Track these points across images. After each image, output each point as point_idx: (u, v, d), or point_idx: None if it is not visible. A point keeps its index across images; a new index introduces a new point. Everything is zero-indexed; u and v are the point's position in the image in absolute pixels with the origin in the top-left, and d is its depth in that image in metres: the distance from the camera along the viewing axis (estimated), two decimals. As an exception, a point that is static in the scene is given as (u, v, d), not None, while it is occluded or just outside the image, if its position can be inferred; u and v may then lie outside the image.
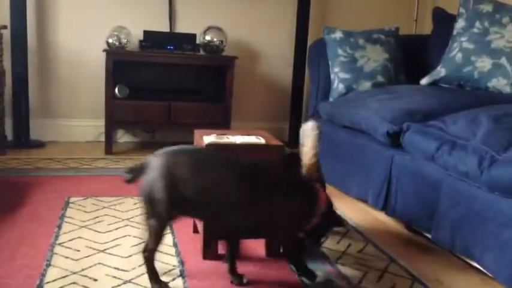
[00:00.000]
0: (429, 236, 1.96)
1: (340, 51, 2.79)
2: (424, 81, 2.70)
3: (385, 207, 2.18)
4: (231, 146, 1.72)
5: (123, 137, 3.66)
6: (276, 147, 1.77)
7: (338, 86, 2.77)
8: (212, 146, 1.70)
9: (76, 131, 3.53)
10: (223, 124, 3.30)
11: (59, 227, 1.95)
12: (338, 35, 2.83)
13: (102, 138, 3.51)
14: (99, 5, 3.44)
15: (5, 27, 2.97)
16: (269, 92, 3.88)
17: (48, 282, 1.52)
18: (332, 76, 2.83)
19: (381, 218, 2.28)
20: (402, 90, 2.51)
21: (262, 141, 1.77)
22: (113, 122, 3.20)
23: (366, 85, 2.73)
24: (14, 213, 2.06)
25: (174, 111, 3.27)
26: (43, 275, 1.56)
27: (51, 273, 1.57)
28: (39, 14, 3.36)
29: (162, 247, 1.82)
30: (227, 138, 1.77)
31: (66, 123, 3.52)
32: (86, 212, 2.14)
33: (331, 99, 2.82)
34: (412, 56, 2.98)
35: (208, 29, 3.42)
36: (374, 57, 2.77)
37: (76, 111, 3.53)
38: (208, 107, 3.34)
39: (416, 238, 2.08)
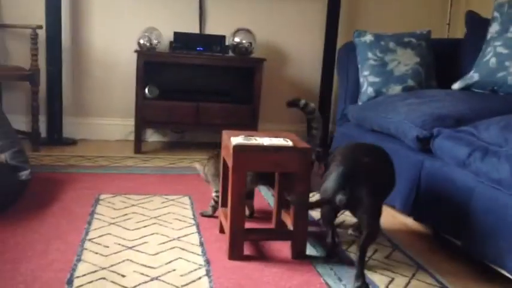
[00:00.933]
0: (459, 243, 1.92)
1: (370, 55, 2.77)
2: (456, 85, 2.65)
3: (413, 213, 2.15)
4: (258, 148, 1.73)
5: (152, 137, 3.71)
6: (303, 149, 1.76)
7: (367, 90, 2.75)
8: (241, 147, 1.71)
9: (107, 130, 3.60)
10: (250, 125, 3.31)
11: (89, 223, 2.00)
12: (368, 38, 2.81)
13: (132, 137, 3.57)
14: (131, 6, 3.50)
15: (40, 27, 3.06)
16: (297, 94, 3.86)
17: (78, 277, 1.55)
18: (361, 79, 2.81)
19: (409, 224, 2.25)
20: (433, 95, 2.48)
21: (289, 143, 1.77)
22: (142, 122, 3.25)
23: (396, 89, 2.70)
24: (47, 209, 2.11)
25: (203, 112, 3.30)
26: (73, 270, 1.59)
27: (81, 268, 1.61)
28: (74, 14, 3.44)
29: (188, 246, 1.85)
30: (255, 139, 1.78)
31: (97, 122, 3.60)
32: (115, 209, 2.18)
33: (359, 103, 2.80)
34: (443, 60, 2.93)
35: (238, 30, 3.44)
36: (405, 61, 2.74)
37: (107, 110, 3.60)
38: (236, 108, 3.36)
39: (445, 245, 2.05)
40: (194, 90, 3.51)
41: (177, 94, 3.38)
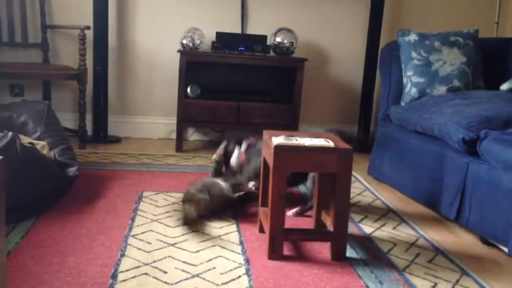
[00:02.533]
0: (505, 249, 1.86)
1: (414, 54, 2.71)
2: (504, 86, 2.57)
3: (457, 217, 2.09)
4: (299, 148, 1.73)
5: (193, 135, 3.76)
6: (344, 150, 1.75)
7: (411, 90, 2.70)
8: (282, 147, 1.71)
9: (149, 128, 3.68)
10: (291, 125, 3.31)
11: (133, 219, 2.05)
12: (412, 37, 2.76)
13: (173, 135, 3.64)
14: (174, 6, 3.56)
15: (88, 27, 3.15)
16: (338, 95, 3.84)
17: (122, 272, 1.60)
18: (404, 80, 2.75)
19: (453, 228, 2.20)
20: (480, 96, 2.40)
21: (331, 144, 1.76)
22: (184, 121, 3.31)
23: (441, 90, 2.64)
24: (93, 204, 2.18)
25: (243, 111, 3.32)
26: (117, 265, 1.64)
27: (125, 263, 1.65)
28: (120, 15, 3.53)
29: (228, 244, 1.87)
30: (296, 140, 1.78)
31: (141, 120, 3.68)
32: (157, 206, 2.23)
33: (402, 104, 2.75)
34: (492, 60, 2.83)
35: (279, 30, 3.44)
36: (450, 61, 2.67)
37: (150, 109, 3.68)
38: (277, 108, 3.36)
39: (491, 251, 1.98)
40: (235, 89, 3.54)
41: (219, 93, 3.41)
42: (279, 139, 1.77)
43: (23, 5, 3.29)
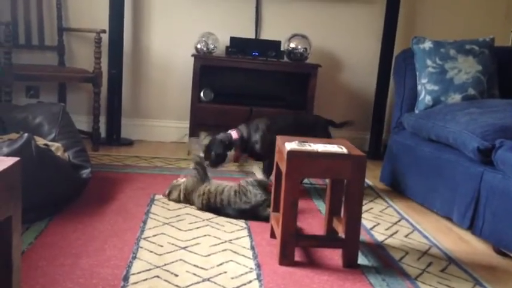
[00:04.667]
0: (520, 260, 1.84)
1: (429, 62, 2.70)
2: (520, 95, 2.55)
3: (471, 227, 2.07)
4: (312, 154, 1.72)
5: (205, 139, 3.76)
6: (357, 157, 1.74)
7: (425, 98, 2.68)
8: (295, 153, 1.71)
9: (162, 132, 3.70)
10: (303, 131, 3.30)
11: (144, 222, 2.06)
12: (427, 44, 2.74)
13: (186, 139, 3.65)
14: (189, 11, 3.59)
15: (104, 31, 3.19)
16: (351, 101, 3.83)
17: (133, 274, 1.60)
18: (419, 87, 2.74)
19: (466, 237, 2.17)
20: (495, 105, 2.38)
21: (344, 150, 1.75)
22: (196, 124, 3.32)
23: (456, 98, 2.62)
24: (105, 207, 2.20)
25: (256, 116, 3.31)
26: (129, 267, 1.65)
27: (137, 266, 1.66)
28: (135, 19, 3.57)
29: (239, 249, 1.86)
30: (309, 145, 1.78)
31: (153, 124, 3.70)
32: (169, 209, 2.24)
33: (416, 111, 2.73)
34: (507, 68, 2.81)
35: (293, 36, 3.45)
36: (466, 69, 2.65)
37: (163, 113, 3.70)
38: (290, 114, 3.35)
39: (504, 261, 1.96)
40: (248, 94, 3.55)
41: (231, 98, 3.42)
42: (292, 145, 1.77)
43: (39, 8, 3.34)
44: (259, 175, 2.37)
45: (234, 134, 2.58)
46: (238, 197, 2.19)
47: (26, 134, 2.00)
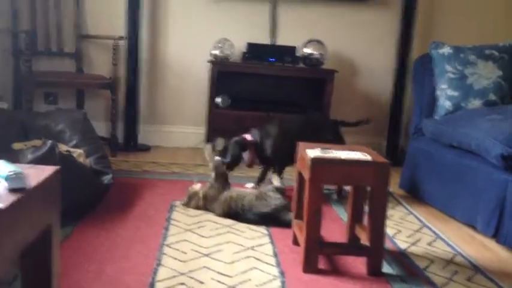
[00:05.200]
0: (546, 269, 1.81)
1: (448, 67, 2.69)
2: (542, 101, 2.52)
3: (496, 234, 2.05)
4: (336, 161, 1.72)
5: (221, 145, 3.77)
6: (381, 164, 1.73)
7: (444, 104, 2.67)
8: (318, 160, 1.71)
9: (178, 137, 3.71)
10: (320, 137, 3.29)
11: (166, 228, 2.06)
12: (446, 50, 2.73)
13: (202, 145, 3.65)
14: (205, 18, 3.60)
15: (122, 38, 3.21)
16: (367, 106, 3.82)
17: (159, 281, 1.60)
18: (438, 93, 2.72)
19: (490, 245, 2.15)
20: (517, 110, 2.36)
21: (368, 157, 1.75)
22: (213, 130, 3.32)
23: (476, 103, 2.60)
24: (126, 213, 2.21)
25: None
26: (154, 274, 1.65)
27: (162, 273, 1.66)
28: (151, 26, 3.59)
29: (262, 256, 1.86)
30: (332, 152, 1.77)
31: (170, 130, 3.72)
32: (189, 216, 2.24)
33: (436, 117, 2.72)
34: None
35: (309, 41, 3.45)
36: (486, 75, 2.63)
37: (179, 118, 3.71)
38: (306, 120, 3.35)
39: (530, 270, 1.94)
40: (264, 100, 3.55)
41: (248, 103, 3.43)
42: (315, 151, 1.77)
43: (58, 15, 3.37)
44: (277, 182, 2.38)
45: (248, 136, 2.59)
46: (259, 201, 2.19)
47: (49, 141, 2.02)
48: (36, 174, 0.86)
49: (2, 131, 2.32)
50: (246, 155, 2.61)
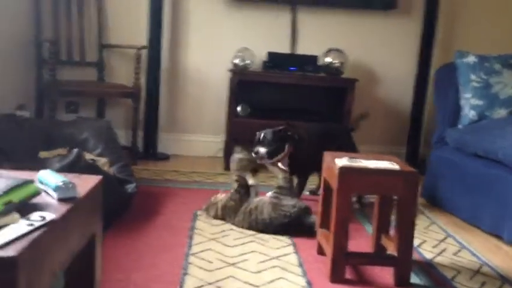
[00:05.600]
0: None
1: (473, 77, 2.66)
2: None
3: (524, 245, 2.02)
4: (365, 170, 1.71)
5: (240, 154, 3.77)
6: (410, 173, 1.72)
7: (469, 113, 2.64)
8: (346, 169, 1.70)
9: (197, 146, 3.72)
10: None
11: (190, 237, 2.06)
12: (471, 59, 2.71)
13: (220, 153, 3.66)
14: (225, 27, 3.62)
15: (145, 47, 3.24)
16: (386, 116, 3.80)
17: (186, 290, 1.60)
18: (462, 102, 2.70)
19: (517, 256, 2.12)
20: (544, 120, 2.33)
21: (396, 167, 1.73)
22: (233, 139, 3.32)
23: (501, 113, 2.57)
24: (150, 221, 2.21)
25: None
26: (182, 283, 1.65)
27: (189, 282, 1.66)
28: (173, 35, 3.62)
29: (288, 266, 1.85)
30: (360, 162, 1.76)
31: (189, 138, 3.73)
32: (213, 225, 2.24)
33: (460, 126, 2.69)
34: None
35: (329, 50, 3.45)
36: (511, 84, 2.61)
37: (198, 127, 3.73)
38: (327, 128, 3.34)
39: (561, 282, 1.90)
40: (284, 109, 3.54)
41: (268, 112, 3.42)
42: (342, 161, 1.76)
43: (81, 25, 3.42)
44: (282, 181, 2.35)
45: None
46: (278, 212, 2.17)
47: (75, 150, 2.04)
48: (82, 184, 0.87)
49: (28, 140, 2.35)
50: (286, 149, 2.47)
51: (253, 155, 2.45)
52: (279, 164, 2.48)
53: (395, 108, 3.79)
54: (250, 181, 2.38)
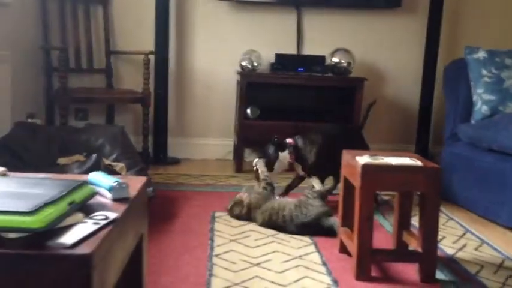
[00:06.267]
0: None
1: (484, 72, 2.68)
2: None
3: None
4: (388, 167, 1.71)
5: (250, 156, 3.78)
6: (433, 170, 1.73)
7: (481, 108, 2.65)
8: (369, 167, 1.70)
9: (207, 149, 3.72)
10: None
11: (212, 239, 2.07)
12: (481, 54, 2.72)
13: (230, 156, 3.67)
14: (231, 30, 3.63)
15: (152, 52, 3.25)
16: (394, 114, 3.81)
17: (214, 291, 1.61)
18: (474, 97, 2.71)
19: (538, 250, 2.12)
20: (557, 113, 2.34)
21: (419, 163, 1.74)
22: (243, 141, 3.33)
23: (514, 107, 2.59)
24: (170, 224, 2.21)
25: (302, 132, 3.31)
26: (208, 284, 1.65)
27: (216, 283, 1.66)
28: (179, 39, 3.63)
29: (311, 265, 1.85)
30: (381, 159, 1.77)
31: (199, 142, 3.73)
32: (232, 226, 2.24)
33: (472, 122, 2.70)
34: None
35: (336, 50, 3.46)
36: (523, 78, 2.62)
37: (207, 130, 3.73)
38: (336, 128, 3.34)
39: None
40: (293, 110, 3.55)
41: (276, 114, 3.42)
42: (364, 158, 1.77)
43: (88, 32, 3.42)
44: (318, 186, 2.37)
45: (289, 140, 2.60)
46: (299, 211, 2.18)
47: (94, 155, 2.05)
48: (131, 185, 0.87)
49: (45, 147, 2.35)
50: (285, 157, 2.59)
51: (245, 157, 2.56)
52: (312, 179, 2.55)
53: (403, 106, 3.80)
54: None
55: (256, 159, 2.56)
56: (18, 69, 2.85)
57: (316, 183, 2.41)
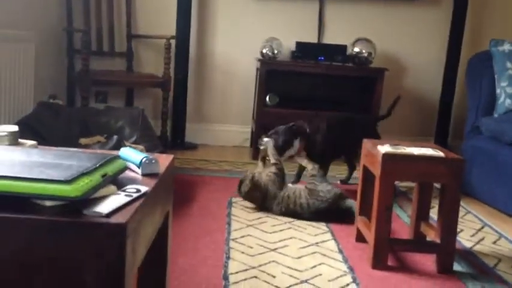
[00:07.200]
0: None
1: (509, 65, 2.63)
2: None
3: None
4: (409, 157, 1.70)
5: (266, 144, 3.78)
6: (456, 161, 1.71)
7: (505, 101, 2.62)
8: (390, 156, 1.70)
9: (224, 136, 3.73)
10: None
11: (229, 224, 2.08)
12: (507, 47, 2.68)
13: (247, 143, 3.68)
14: (252, 17, 3.62)
15: (173, 37, 3.25)
16: (414, 105, 3.77)
17: (231, 274, 1.62)
18: (498, 90, 2.67)
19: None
20: None
21: (440, 154, 1.73)
22: (261, 128, 3.33)
23: (538, 101, 2.54)
24: (189, 207, 2.23)
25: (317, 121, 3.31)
26: (226, 267, 1.67)
27: (233, 266, 1.68)
28: (200, 25, 3.63)
29: (328, 252, 1.86)
30: (403, 149, 1.76)
31: (216, 128, 3.74)
32: (249, 212, 2.25)
33: (495, 115, 2.67)
34: None
35: (357, 40, 3.42)
36: (549, 72, 2.58)
37: (225, 117, 3.74)
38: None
39: None
40: (312, 98, 3.54)
41: (295, 102, 3.42)
42: (385, 148, 1.76)
43: (110, 16, 3.44)
44: (309, 166, 2.35)
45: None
46: (315, 197, 2.18)
47: (115, 136, 2.07)
48: (160, 162, 0.88)
49: (65, 127, 2.38)
50: (296, 146, 2.54)
51: (259, 143, 2.49)
52: (301, 158, 2.52)
53: (423, 98, 3.76)
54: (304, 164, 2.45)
55: (266, 139, 2.48)
56: (41, 50, 2.88)
57: (306, 164, 2.40)
